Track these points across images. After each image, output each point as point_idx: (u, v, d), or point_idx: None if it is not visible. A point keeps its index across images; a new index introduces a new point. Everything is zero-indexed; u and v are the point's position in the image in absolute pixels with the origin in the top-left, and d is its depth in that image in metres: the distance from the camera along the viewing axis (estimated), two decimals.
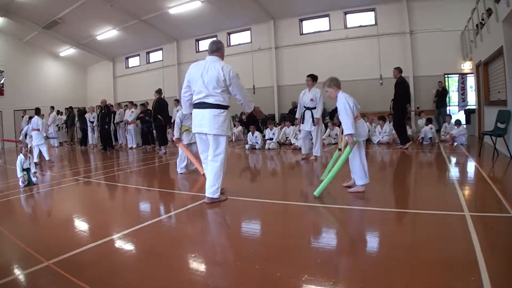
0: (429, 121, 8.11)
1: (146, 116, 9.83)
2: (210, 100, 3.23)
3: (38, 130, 7.66)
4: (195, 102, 3.36)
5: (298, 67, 11.69)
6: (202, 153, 3.51)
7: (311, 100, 5.99)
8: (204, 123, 3.26)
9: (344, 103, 3.42)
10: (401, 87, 6.96)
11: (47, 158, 7.57)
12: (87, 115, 11.80)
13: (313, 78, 6.08)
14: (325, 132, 8.85)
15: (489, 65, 7.20)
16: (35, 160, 7.43)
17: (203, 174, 5.04)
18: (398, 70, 7.06)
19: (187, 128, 5.27)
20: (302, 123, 6.18)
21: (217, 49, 3.34)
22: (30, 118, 8.36)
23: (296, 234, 2.58)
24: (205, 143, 3.42)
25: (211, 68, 3.21)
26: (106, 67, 17.40)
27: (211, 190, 3.30)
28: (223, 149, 3.30)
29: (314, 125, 6.01)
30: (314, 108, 6.01)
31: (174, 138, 5.28)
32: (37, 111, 8.07)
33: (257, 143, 8.63)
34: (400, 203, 3.19)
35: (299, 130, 8.60)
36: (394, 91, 7.05)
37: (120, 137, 11.16)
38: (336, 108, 3.62)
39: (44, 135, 7.74)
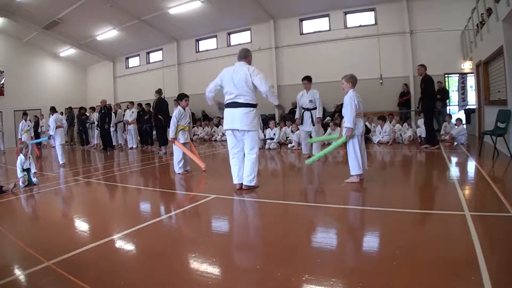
0: None
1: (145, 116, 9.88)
2: (241, 100, 3.67)
3: (62, 127, 7.43)
4: (227, 102, 3.78)
5: (298, 67, 11.67)
6: (232, 148, 3.87)
7: (310, 101, 6.13)
8: (236, 120, 3.69)
9: (351, 100, 3.90)
10: (430, 84, 6.69)
11: (61, 161, 7.23)
12: (94, 115, 11.59)
13: (309, 79, 6.20)
14: (324, 133, 8.87)
15: (489, 65, 7.19)
16: (63, 161, 7.14)
17: (204, 170, 5.20)
18: (424, 67, 6.76)
19: (183, 127, 5.27)
20: (301, 123, 6.32)
21: (244, 56, 3.85)
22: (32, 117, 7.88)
23: (296, 234, 2.58)
24: (236, 138, 3.82)
25: (239, 71, 3.69)
26: (106, 67, 17.39)
27: (248, 179, 3.78)
28: (256, 143, 3.83)
29: (313, 125, 6.15)
30: (314, 109, 6.15)
31: (170, 138, 5.31)
32: (54, 109, 7.76)
33: None
34: (400, 203, 3.18)
35: (291, 131, 8.73)
36: (421, 89, 6.78)
37: (118, 137, 11.13)
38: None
39: (51, 134, 7.42)
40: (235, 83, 3.67)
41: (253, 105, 3.73)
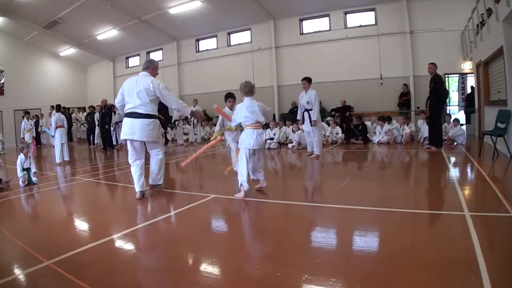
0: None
1: None
2: (141, 110, 3.67)
3: (63, 127, 7.38)
4: (127, 111, 3.76)
5: (298, 67, 11.67)
6: (132, 157, 3.84)
7: (307, 102, 6.23)
8: (135, 131, 3.69)
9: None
10: (440, 84, 6.61)
11: (67, 158, 7.31)
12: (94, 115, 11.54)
13: (308, 80, 6.23)
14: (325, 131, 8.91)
15: (489, 65, 7.19)
16: (59, 160, 7.15)
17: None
18: (435, 65, 6.62)
19: (229, 127, 4.54)
20: (303, 123, 6.49)
21: (147, 67, 3.89)
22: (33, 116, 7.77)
23: (296, 234, 2.58)
24: (135, 149, 3.82)
25: (142, 82, 3.73)
26: (106, 67, 17.39)
27: (156, 177, 4.01)
28: (161, 147, 4.05)
29: (311, 125, 6.22)
30: (311, 109, 6.21)
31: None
32: (59, 108, 7.65)
33: None
34: (400, 203, 3.19)
35: (292, 131, 8.75)
36: (430, 88, 6.66)
37: (119, 137, 11.06)
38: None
39: (52, 135, 7.42)
40: (136, 92, 3.67)
41: (153, 116, 3.75)
